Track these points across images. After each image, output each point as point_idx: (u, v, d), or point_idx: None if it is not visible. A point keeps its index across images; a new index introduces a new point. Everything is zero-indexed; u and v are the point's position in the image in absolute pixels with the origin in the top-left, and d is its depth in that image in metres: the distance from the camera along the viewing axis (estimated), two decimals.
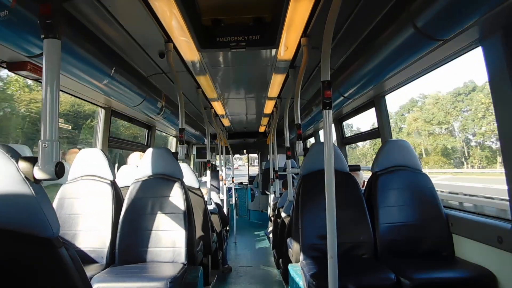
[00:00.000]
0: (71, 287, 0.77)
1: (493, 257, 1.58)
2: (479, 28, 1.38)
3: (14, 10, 1.05)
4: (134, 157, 2.99)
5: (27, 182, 0.77)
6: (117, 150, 3.71)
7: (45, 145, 0.94)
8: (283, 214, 2.98)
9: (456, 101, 28.67)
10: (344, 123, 3.58)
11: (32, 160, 0.79)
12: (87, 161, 2.14)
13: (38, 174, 0.80)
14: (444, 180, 16.88)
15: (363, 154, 27.22)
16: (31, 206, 0.76)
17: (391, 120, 2.72)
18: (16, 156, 0.78)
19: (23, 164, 0.78)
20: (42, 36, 0.98)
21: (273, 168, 4.17)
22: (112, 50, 1.82)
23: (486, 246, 1.62)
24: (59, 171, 0.91)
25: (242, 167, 14.47)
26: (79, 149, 2.33)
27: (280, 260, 2.90)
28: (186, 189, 2.11)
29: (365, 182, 2.28)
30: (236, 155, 8.00)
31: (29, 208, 0.76)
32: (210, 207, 3.30)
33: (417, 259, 1.85)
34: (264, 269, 3.83)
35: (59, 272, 0.77)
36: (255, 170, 8.61)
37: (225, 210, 4.73)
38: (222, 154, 5.38)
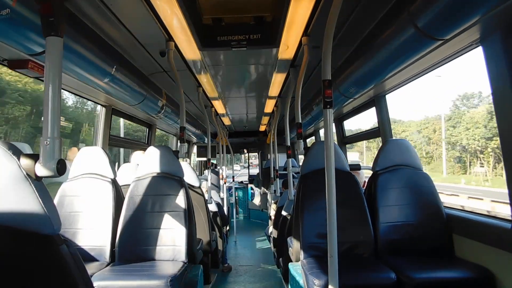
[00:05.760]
0: (71, 285, 0.77)
1: (493, 257, 1.58)
2: (480, 27, 1.38)
3: (15, 9, 1.05)
4: (137, 156, 2.99)
5: (29, 179, 0.77)
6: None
7: (46, 142, 0.94)
8: (283, 213, 2.99)
9: None
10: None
11: (34, 157, 0.79)
12: (88, 159, 2.15)
13: (40, 171, 0.80)
14: None
15: None
16: (32, 203, 0.76)
17: None
18: (17, 153, 0.78)
19: (24, 161, 0.78)
20: (44, 34, 0.98)
21: (274, 167, 4.17)
22: (113, 48, 1.82)
23: (486, 246, 1.62)
24: (61, 168, 0.92)
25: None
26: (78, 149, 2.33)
27: (281, 259, 2.91)
28: (187, 188, 2.11)
29: (366, 183, 2.28)
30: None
31: (30, 205, 0.76)
32: (210, 206, 3.30)
33: (417, 258, 1.85)
34: (264, 268, 3.83)
35: (59, 270, 0.77)
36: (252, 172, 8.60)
37: (225, 209, 4.74)
38: (222, 153, 5.38)
